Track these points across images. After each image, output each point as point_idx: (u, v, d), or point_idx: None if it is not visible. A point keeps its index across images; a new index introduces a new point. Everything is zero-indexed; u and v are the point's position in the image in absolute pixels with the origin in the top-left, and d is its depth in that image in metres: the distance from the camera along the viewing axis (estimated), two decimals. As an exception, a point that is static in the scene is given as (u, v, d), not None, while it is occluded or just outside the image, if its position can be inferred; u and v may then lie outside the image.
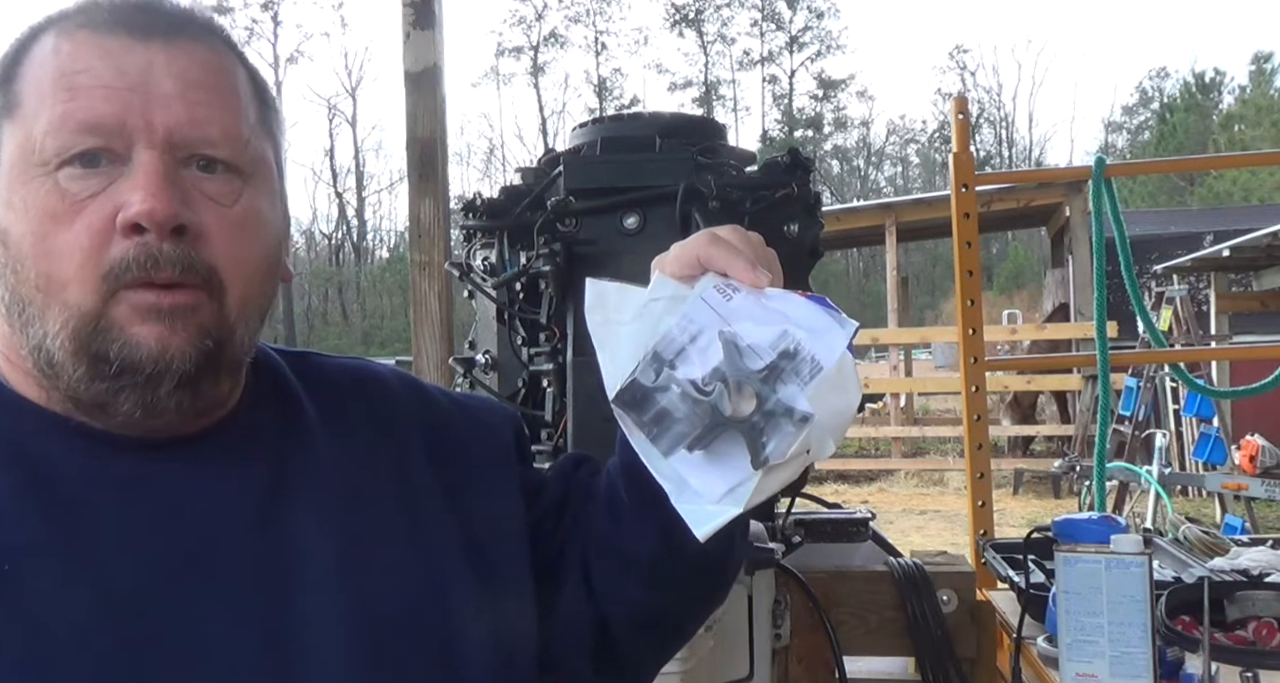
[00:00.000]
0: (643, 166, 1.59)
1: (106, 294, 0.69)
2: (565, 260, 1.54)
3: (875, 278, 37.54)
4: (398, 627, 0.77)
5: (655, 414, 0.73)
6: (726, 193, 1.55)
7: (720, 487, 0.72)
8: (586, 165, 1.62)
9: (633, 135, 1.68)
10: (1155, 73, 53.65)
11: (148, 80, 0.71)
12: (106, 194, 0.70)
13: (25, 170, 0.70)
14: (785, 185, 1.59)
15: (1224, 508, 6.75)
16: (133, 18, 0.73)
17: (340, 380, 0.88)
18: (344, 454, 0.82)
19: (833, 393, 0.73)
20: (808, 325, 0.74)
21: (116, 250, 0.69)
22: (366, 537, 0.79)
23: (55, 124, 0.69)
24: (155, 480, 0.73)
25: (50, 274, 0.69)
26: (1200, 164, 14.33)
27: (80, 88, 0.70)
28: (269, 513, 0.75)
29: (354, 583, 0.76)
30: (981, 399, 2.34)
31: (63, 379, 0.71)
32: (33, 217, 0.70)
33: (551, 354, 1.59)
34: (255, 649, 0.71)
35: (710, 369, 0.73)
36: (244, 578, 0.72)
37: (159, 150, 0.71)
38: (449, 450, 0.89)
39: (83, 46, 0.71)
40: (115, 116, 0.70)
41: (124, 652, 0.67)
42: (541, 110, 46.25)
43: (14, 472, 0.71)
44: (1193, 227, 15.08)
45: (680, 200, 1.54)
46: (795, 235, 1.61)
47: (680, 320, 0.75)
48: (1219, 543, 2.00)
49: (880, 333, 12.42)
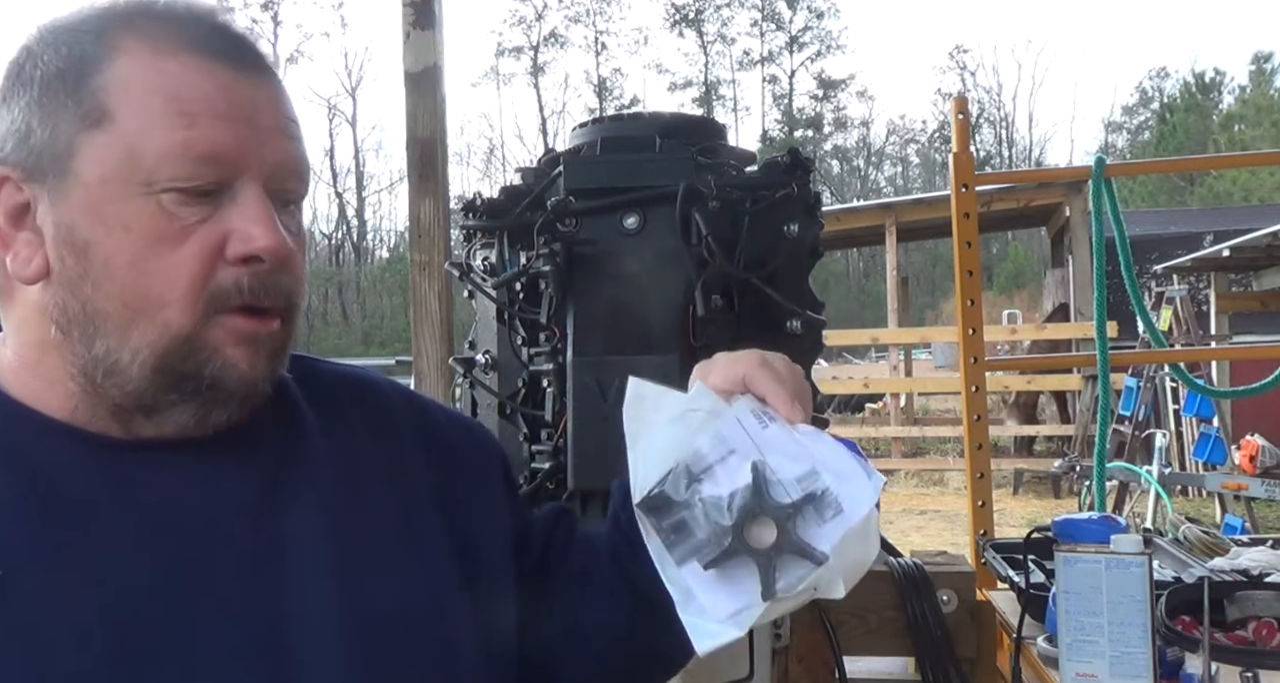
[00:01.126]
0: (643, 166, 1.59)
1: (203, 317, 0.72)
2: (565, 260, 1.54)
3: (875, 278, 37.55)
4: (393, 628, 0.77)
5: (675, 524, 0.76)
6: (726, 193, 1.55)
7: (727, 607, 0.74)
8: (586, 165, 1.61)
9: (633, 135, 1.68)
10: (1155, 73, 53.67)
11: (255, 114, 0.73)
12: (214, 221, 0.72)
13: (125, 188, 0.70)
14: (785, 185, 1.59)
15: (1224, 508, 6.75)
16: (224, 45, 0.74)
17: (337, 386, 0.89)
18: (341, 458, 0.83)
19: (855, 543, 0.75)
20: (836, 469, 0.76)
21: (224, 276, 0.72)
22: (362, 540, 0.79)
23: (174, 150, 0.70)
24: (154, 483, 0.74)
25: (148, 293, 0.70)
26: (1200, 164, 14.33)
27: (198, 116, 0.71)
28: (266, 515, 0.76)
29: (350, 585, 0.77)
30: (981, 399, 2.34)
31: (120, 388, 0.72)
32: (135, 236, 0.70)
33: (551, 354, 1.59)
34: (252, 650, 0.71)
35: (736, 492, 0.75)
36: (240, 580, 0.73)
37: (262, 184, 0.74)
38: (443, 459, 0.90)
39: (191, 71, 0.72)
40: (234, 149, 0.72)
41: (123, 653, 0.68)
42: (541, 110, 46.30)
43: (13, 476, 0.71)
44: (1193, 227, 15.08)
45: (680, 200, 1.54)
46: (795, 235, 1.60)
47: (713, 438, 0.77)
48: (1219, 543, 2.00)
49: (880, 333, 12.43)
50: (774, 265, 1.58)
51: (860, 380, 13.20)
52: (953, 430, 11.55)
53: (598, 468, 1.47)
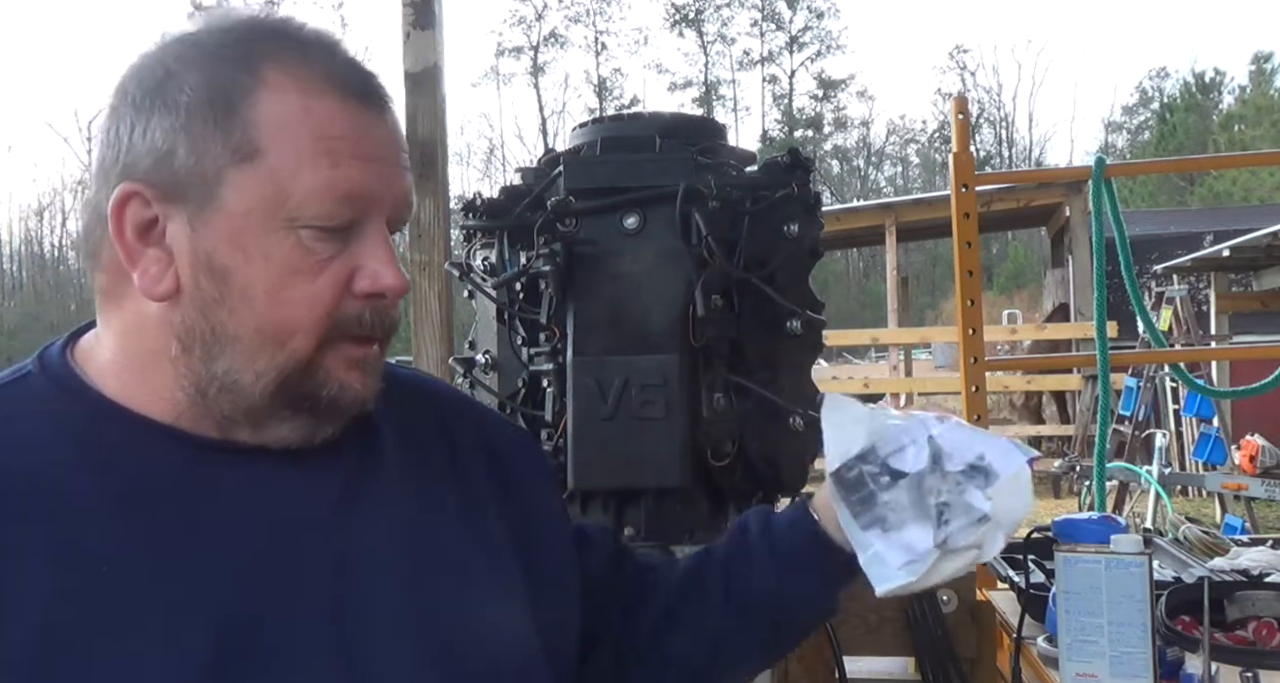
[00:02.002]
0: (643, 166, 1.59)
1: (322, 343, 0.76)
2: (565, 260, 1.54)
3: (875, 278, 37.53)
4: (462, 636, 0.80)
5: (863, 496, 0.91)
6: (726, 193, 1.55)
7: (903, 557, 0.89)
8: (586, 165, 1.62)
9: (633, 135, 1.68)
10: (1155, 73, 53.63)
11: (386, 154, 0.77)
12: (344, 257, 0.76)
13: (268, 221, 0.73)
14: (785, 185, 1.59)
15: (1224, 508, 6.74)
16: (360, 84, 0.77)
17: (403, 392, 0.91)
18: (409, 466, 0.86)
19: (1008, 496, 0.90)
20: (997, 449, 0.92)
21: (349, 308, 0.76)
22: (431, 547, 0.82)
23: (319, 190, 0.73)
24: (241, 485, 0.77)
25: (282, 322, 0.74)
26: (1200, 164, 14.33)
27: (341, 156, 0.74)
28: (342, 523, 0.79)
29: (420, 591, 0.79)
30: (981, 399, 2.34)
31: (235, 404, 0.76)
32: (274, 268, 0.74)
33: (551, 354, 1.59)
34: (329, 653, 0.74)
35: (917, 470, 0.90)
36: (317, 583, 0.76)
37: (386, 220, 0.78)
38: (500, 467, 0.93)
39: (336, 112, 0.75)
40: (370, 188, 0.76)
41: (213, 652, 0.70)
42: (541, 110, 46.28)
43: (108, 475, 0.74)
44: (1193, 227, 15.07)
45: (680, 200, 1.54)
46: (795, 235, 1.60)
47: (897, 430, 0.93)
48: (1219, 543, 2.00)
49: (880, 333, 12.42)
50: (774, 265, 1.58)
51: (860, 380, 13.18)
52: (953, 430, 11.53)
53: (598, 468, 1.48)
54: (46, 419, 0.76)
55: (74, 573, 0.69)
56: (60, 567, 0.69)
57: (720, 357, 1.57)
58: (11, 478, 0.72)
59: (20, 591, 0.68)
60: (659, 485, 1.52)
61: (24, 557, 0.69)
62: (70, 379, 0.78)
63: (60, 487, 0.72)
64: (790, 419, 1.60)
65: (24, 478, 0.72)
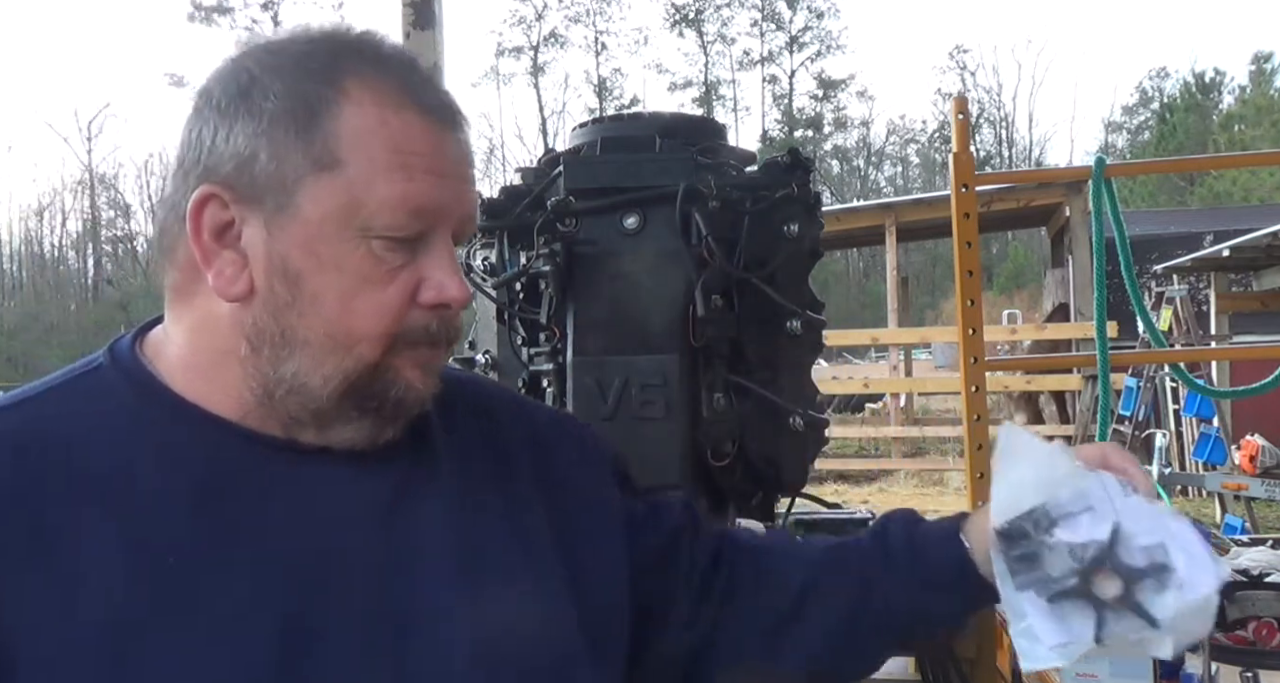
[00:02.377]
0: (643, 166, 1.59)
1: (389, 349, 0.78)
2: (565, 260, 1.54)
3: (875, 278, 37.54)
4: (507, 635, 0.80)
5: (1024, 555, 0.85)
6: (726, 193, 1.55)
7: (1056, 638, 0.83)
8: (586, 165, 1.62)
9: (633, 135, 1.68)
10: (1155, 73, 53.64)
11: (457, 170, 0.80)
12: (412, 268, 0.78)
13: (342, 230, 0.76)
14: (785, 185, 1.59)
15: (1224, 508, 6.75)
16: (435, 100, 0.80)
17: (452, 390, 0.92)
18: (459, 463, 0.87)
19: (1190, 618, 0.82)
20: (1186, 548, 0.83)
21: (415, 317, 0.78)
22: (479, 546, 0.84)
23: (393, 202, 0.75)
24: (301, 484, 0.79)
25: (350, 328, 0.76)
26: (1200, 164, 14.33)
27: (415, 169, 0.76)
28: (396, 522, 0.81)
29: (469, 591, 0.81)
30: (981, 399, 2.34)
31: (303, 406, 0.78)
32: (346, 276, 0.76)
33: (551, 354, 1.59)
34: (377, 652, 0.76)
35: (1090, 544, 0.83)
36: (363, 583, 0.77)
37: (452, 233, 0.80)
38: (543, 461, 0.93)
39: (413, 127, 0.77)
40: (440, 201, 0.78)
41: (274, 640, 0.72)
42: (541, 110, 46.29)
43: (175, 471, 0.76)
44: (1193, 227, 15.05)
45: (680, 200, 1.54)
46: (795, 235, 1.60)
47: (1075, 492, 0.86)
48: (1219, 543, 2.00)
49: (880, 333, 12.41)
50: (774, 265, 1.58)
51: (860, 380, 13.20)
52: (953, 430, 11.55)
53: (598, 468, 1.48)
54: (118, 413, 0.78)
55: (143, 563, 0.71)
56: (130, 556, 0.71)
57: (720, 357, 1.57)
58: (86, 468, 0.74)
59: (93, 574, 0.70)
60: (659, 485, 1.52)
61: (98, 542, 0.71)
62: (140, 374, 0.81)
63: (131, 480, 0.74)
64: (790, 419, 1.60)
65: (98, 469, 0.74)
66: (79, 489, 0.73)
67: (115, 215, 47.78)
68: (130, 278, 43.63)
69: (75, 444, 0.76)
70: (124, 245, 46.78)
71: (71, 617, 0.69)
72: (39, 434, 0.76)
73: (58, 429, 0.77)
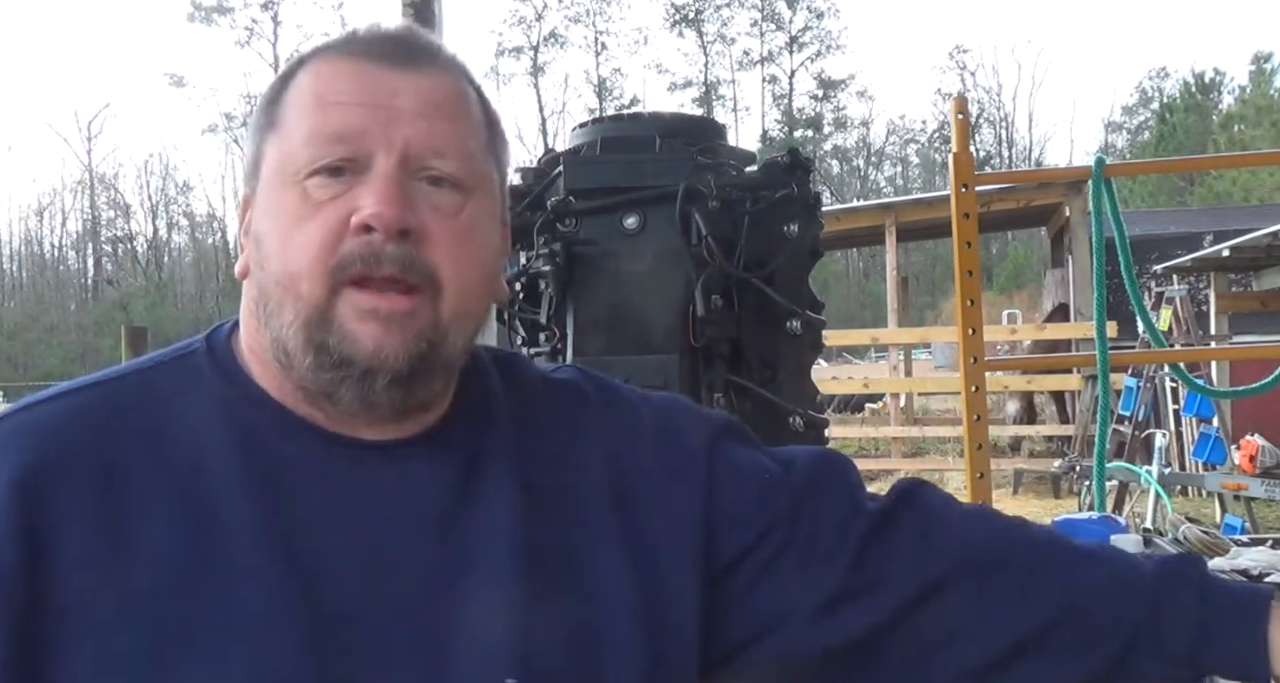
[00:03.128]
0: (643, 166, 1.59)
1: (333, 288, 0.76)
2: (565, 260, 1.54)
3: (875, 278, 37.55)
4: (559, 656, 0.79)
5: None
6: (726, 193, 1.56)
7: None
8: (586, 165, 1.62)
9: (633, 135, 1.68)
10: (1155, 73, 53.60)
11: (392, 99, 0.78)
12: (345, 198, 0.76)
13: (282, 180, 0.78)
14: (785, 185, 1.59)
15: (1224, 508, 6.75)
16: (386, 48, 0.80)
17: (541, 396, 0.90)
18: (531, 462, 0.85)
19: None
20: None
21: (347, 246, 0.75)
22: (543, 549, 0.82)
23: (308, 136, 0.77)
24: (360, 481, 0.79)
25: (288, 269, 0.76)
26: (1200, 164, 14.34)
27: (332, 104, 0.77)
28: (453, 520, 0.80)
29: (525, 599, 0.79)
30: (981, 399, 2.34)
31: (295, 369, 0.78)
32: (281, 219, 0.77)
33: (551, 354, 1.59)
34: (415, 649, 0.75)
35: None
36: (416, 582, 0.77)
37: (395, 161, 0.77)
38: (633, 478, 0.87)
39: (340, 71, 0.79)
40: (360, 127, 0.76)
41: (315, 634, 0.73)
42: (541, 110, 46.34)
43: (246, 457, 0.77)
44: (1193, 227, 15.06)
45: (680, 200, 1.54)
46: (795, 235, 1.61)
47: None
48: (1219, 543, 2.00)
49: (880, 333, 12.42)
50: (774, 265, 1.58)
51: (860, 380, 13.20)
52: (953, 430, 11.55)
53: (598, 468, 1.48)
54: (202, 398, 0.80)
55: (204, 544, 0.74)
56: (194, 536, 0.74)
57: (720, 357, 1.57)
58: (165, 446, 0.77)
59: (153, 549, 0.73)
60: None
61: (164, 522, 0.74)
62: (227, 360, 0.83)
63: (205, 462, 0.77)
64: (790, 419, 1.60)
65: (176, 448, 0.77)
66: (156, 465, 0.76)
67: (115, 215, 47.86)
68: (130, 278, 43.66)
69: (160, 422, 0.79)
70: (124, 245, 46.83)
71: (129, 587, 0.71)
72: (129, 408, 0.79)
73: (147, 406, 0.80)
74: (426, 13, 2.36)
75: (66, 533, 0.72)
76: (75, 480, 0.74)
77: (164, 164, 50.63)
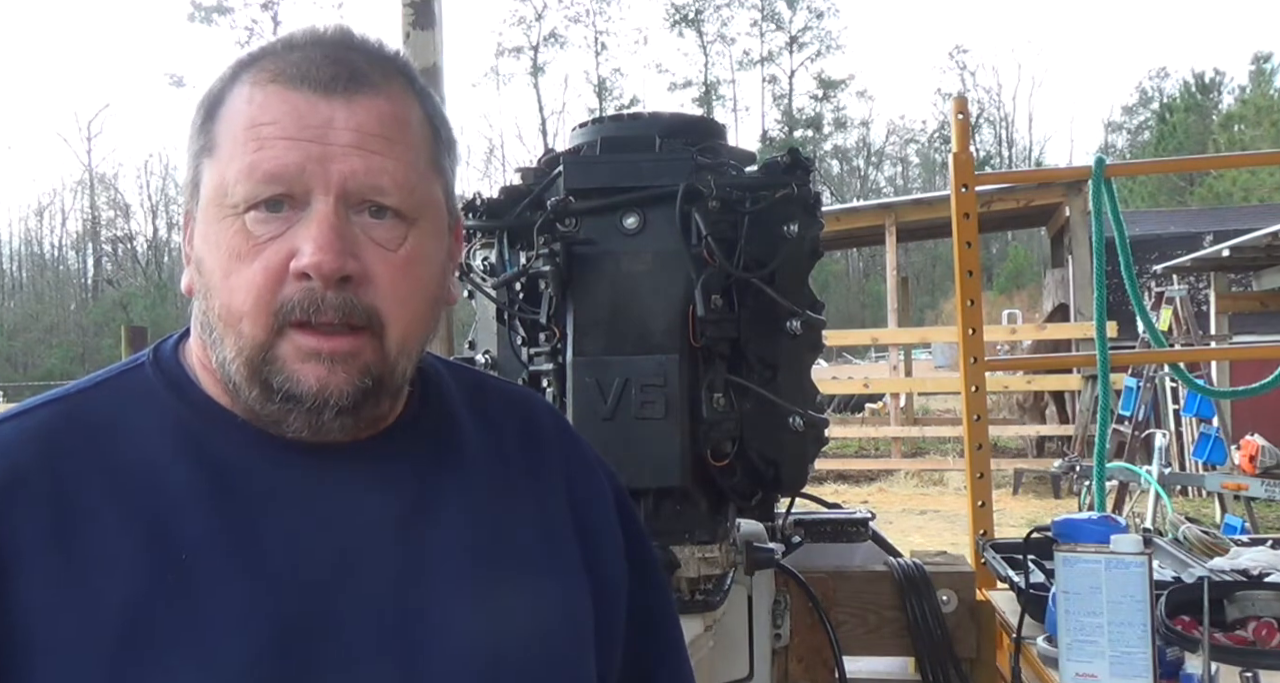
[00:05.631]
0: (643, 167, 1.59)
1: (275, 330, 0.76)
2: (565, 260, 1.54)
3: (875, 278, 37.52)
4: (523, 646, 0.81)
5: None
6: (726, 193, 1.55)
7: None
8: (586, 165, 1.62)
9: (633, 135, 1.68)
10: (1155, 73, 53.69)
11: (327, 133, 0.76)
12: (284, 237, 0.76)
13: (219, 210, 0.77)
14: (785, 185, 1.59)
15: (1224, 508, 6.75)
16: (319, 72, 0.78)
17: (500, 409, 0.93)
18: (491, 472, 0.87)
19: None
20: None
21: (287, 291, 0.75)
22: (503, 553, 0.84)
23: (244, 172, 0.75)
24: (317, 486, 0.80)
25: (230, 306, 0.76)
26: (1200, 164, 14.34)
27: (266, 138, 0.76)
28: (413, 522, 0.81)
29: (487, 600, 0.81)
30: (981, 399, 2.34)
31: (241, 396, 0.78)
32: (221, 253, 0.77)
33: (551, 354, 1.59)
34: (387, 653, 0.76)
35: None
36: (379, 584, 0.78)
37: (334, 198, 0.76)
38: (581, 488, 0.93)
39: (272, 99, 0.77)
40: (296, 165, 0.75)
41: (278, 638, 0.73)
42: (541, 110, 46.30)
43: (200, 469, 0.78)
44: (1193, 227, 15.06)
45: (680, 200, 1.54)
46: (795, 235, 1.61)
47: None
48: (1219, 543, 2.00)
49: (880, 333, 12.42)
50: (774, 265, 1.58)
51: (860, 380, 13.20)
52: (953, 430, 11.55)
53: (598, 468, 1.48)
54: (152, 410, 0.80)
55: (160, 557, 0.73)
56: (150, 549, 0.74)
57: (720, 357, 1.57)
58: (117, 461, 0.77)
59: (113, 563, 0.73)
60: (659, 486, 1.52)
61: (121, 534, 0.74)
62: (175, 372, 0.83)
63: (158, 476, 0.77)
64: (790, 419, 1.60)
65: (128, 463, 0.77)
66: (108, 481, 0.76)
67: (115, 215, 47.81)
68: (130, 278, 43.63)
69: (109, 438, 0.78)
70: (124, 245, 46.79)
71: (89, 602, 0.71)
72: (77, 427, 0.79)
73: (96, 422, 0.79)
74: (426, 13, 2.36)
75: (24, 553, 0.72)
76: (30, 499, 0.74)
77: (164, 164, 50.43)
